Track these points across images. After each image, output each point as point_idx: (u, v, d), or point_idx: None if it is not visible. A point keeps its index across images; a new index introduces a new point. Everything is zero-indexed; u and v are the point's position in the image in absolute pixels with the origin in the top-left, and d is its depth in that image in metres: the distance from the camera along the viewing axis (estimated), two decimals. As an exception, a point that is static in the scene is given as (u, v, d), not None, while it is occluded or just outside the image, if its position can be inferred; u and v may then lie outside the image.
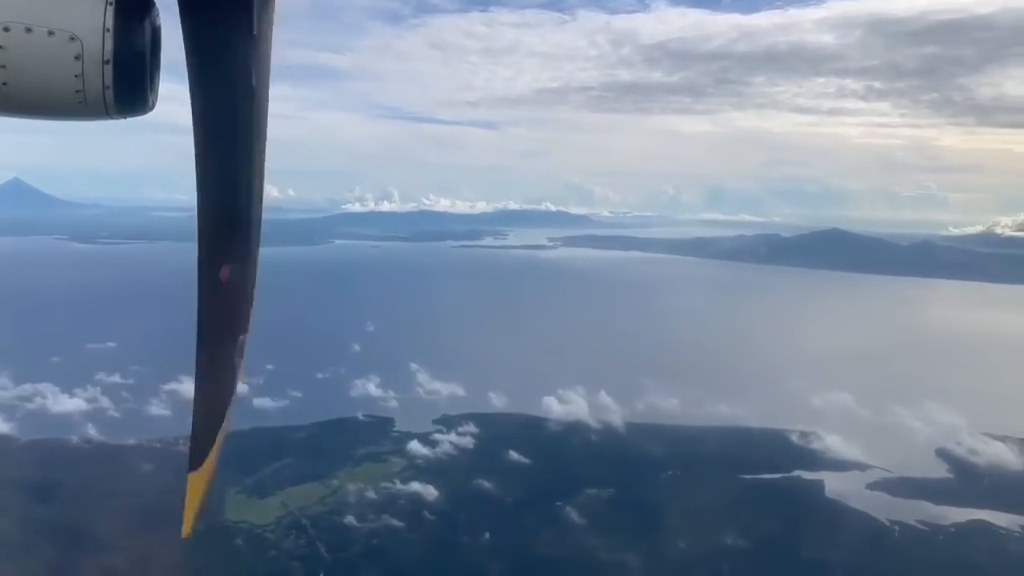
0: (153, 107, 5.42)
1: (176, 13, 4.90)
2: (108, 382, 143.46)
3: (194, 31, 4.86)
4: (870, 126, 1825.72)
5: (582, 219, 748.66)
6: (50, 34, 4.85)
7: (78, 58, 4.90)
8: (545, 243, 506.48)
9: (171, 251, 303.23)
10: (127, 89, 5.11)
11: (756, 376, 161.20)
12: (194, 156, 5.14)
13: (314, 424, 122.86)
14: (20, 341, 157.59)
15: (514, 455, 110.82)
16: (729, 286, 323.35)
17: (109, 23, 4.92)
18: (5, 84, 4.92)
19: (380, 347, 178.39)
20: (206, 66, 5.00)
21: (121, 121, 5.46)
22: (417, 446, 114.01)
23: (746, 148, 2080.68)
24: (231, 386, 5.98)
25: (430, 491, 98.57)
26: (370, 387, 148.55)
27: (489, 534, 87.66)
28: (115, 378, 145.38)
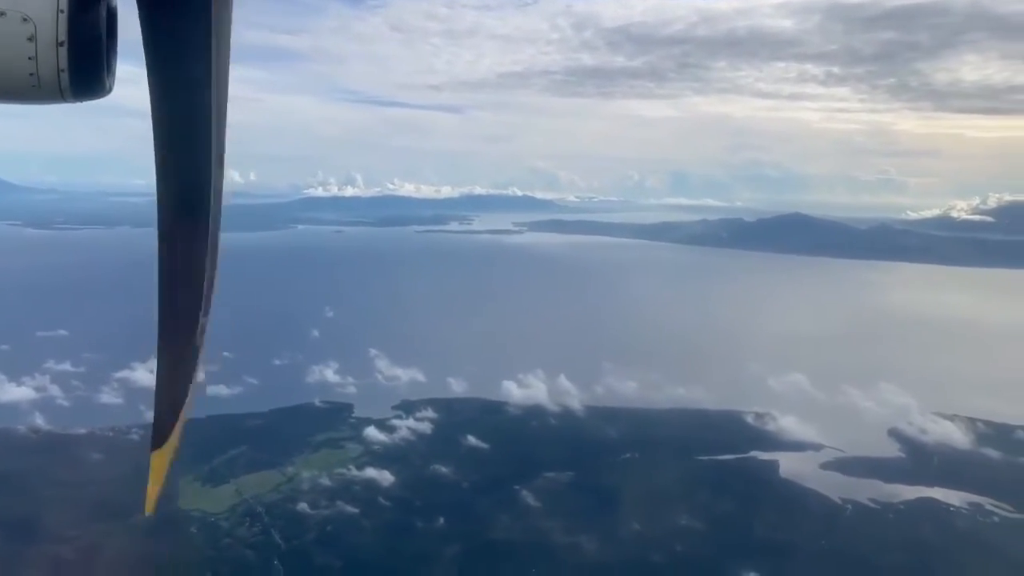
0: (110, 90, 5.28)
1: None
2: (58, 370, 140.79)
3: (151, 12, 4.71)
4: (830, 111, 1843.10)
5: (548, 204, 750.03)
6: (1, 15, 4.69)
7: (31, 39, 4.73)
8: (511, 228, 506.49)
9: (130, 236, 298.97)
10: (82, 72, 4.95)
11: (715, 359, 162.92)
12: (153, 140, 5.07)
13: (271, 411, 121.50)
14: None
15: (472, 440, 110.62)
16: (692, 270, 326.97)
17: (63, 4, 4.76)
18: None
19: (339, 333, 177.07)
20: (163, 49, 4.81)
21: (77, 104, 5.32)
22: (375, 432, 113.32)
23: (709, 133, 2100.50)
24: (193, 365, 6.03)
25: (386, 476, 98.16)
26: (328, 373, 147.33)
27: (444, 519, 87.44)
28: (65, 366, 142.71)
